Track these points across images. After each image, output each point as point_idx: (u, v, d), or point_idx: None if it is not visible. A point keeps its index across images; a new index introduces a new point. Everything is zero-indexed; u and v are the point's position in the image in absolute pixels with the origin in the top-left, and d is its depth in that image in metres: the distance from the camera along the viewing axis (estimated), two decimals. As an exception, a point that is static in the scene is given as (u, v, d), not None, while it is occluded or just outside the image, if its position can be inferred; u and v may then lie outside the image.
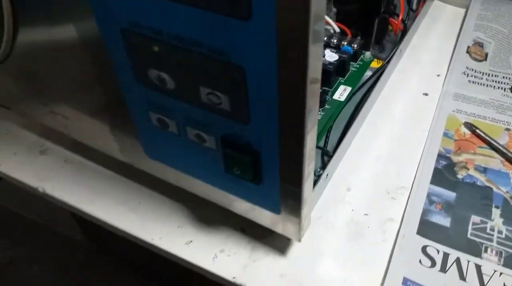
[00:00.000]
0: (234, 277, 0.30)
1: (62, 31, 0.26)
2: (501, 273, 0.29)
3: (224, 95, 0.22)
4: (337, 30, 0.39)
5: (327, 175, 0.31)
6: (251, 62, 0.20)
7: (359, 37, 0.40)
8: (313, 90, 0.20)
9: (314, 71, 0.19)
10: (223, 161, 0.26)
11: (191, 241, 0.32)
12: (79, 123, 0.33)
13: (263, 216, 0.29)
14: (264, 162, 0.25)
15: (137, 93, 0.26)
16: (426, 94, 0.43)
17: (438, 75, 0.45)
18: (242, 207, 0.29)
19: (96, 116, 0.31)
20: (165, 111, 0.26)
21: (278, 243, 0.32)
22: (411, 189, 0.35)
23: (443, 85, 0.43)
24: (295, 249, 0.31)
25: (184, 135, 0.27)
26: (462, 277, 0.29)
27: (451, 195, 0.34)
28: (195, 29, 0.20)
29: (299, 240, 0.28)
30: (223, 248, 0.32)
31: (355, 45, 0.39)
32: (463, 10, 0.53)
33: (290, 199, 0.26)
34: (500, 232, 0.32)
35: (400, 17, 0.40)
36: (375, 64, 0.41)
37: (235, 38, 0.19)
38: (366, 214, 0.33)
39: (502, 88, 0.43)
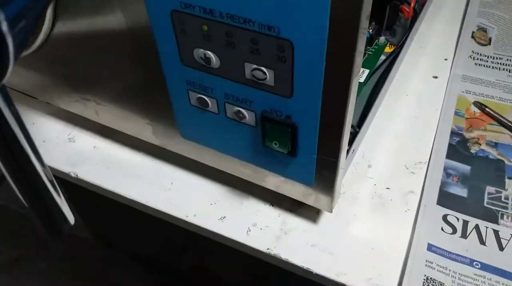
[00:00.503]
0: (268, 248, 0.32)
1: (103, 15, 0.27)
2: (517, 237, 0.31)
3: (269, 70, 0.24)
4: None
5: (353, 150, 0.33)
6: (301, 37, 0.21)
7: (373, 23, 0.41)
8: (358, 64, 0.22)
9: (361, 49, 0.21)
10: (262, 135, 0.27)
11: (224, 217, 0.34)
12: (112, 109, 0.35)
13: (295, 189, 0.30)
14: (302, 134, 0.26)
15: (179, 74, 0.28)
16: (436, 77, 0.45)
17: (446, 59, 0.47)
18: (274, 181, 0.31)
19: (131, 100, 0.33)
20: (205, 91, 0.28)
21: (307, 216, 0.33)
22: (428, 163, 0.37)
23: (451, 68, 0.46)
24: (324, 220, 0.33)
25: (223, 113, 0.28)
26: (482, 242, 0.31)
27: (466, 168, 0.36)
28: (247, 6, 0.21)
29: (331, 211, 0.30)
30: (255, 222, 0.33)
31: (371, 30, 0.41)
32: (464, -2, 0.55)
33: (325, 170, 0.27)
34: (514, 200, 0.34)
35: (412, 5, 0.42)
36: (387, 49, 0.43)
37: (286, 12, 0.21)
38: (388, 188, 0.35)
39: (507, 69, 0.45)
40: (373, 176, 0.36)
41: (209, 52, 0.25)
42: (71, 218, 0.18)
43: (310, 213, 0.33)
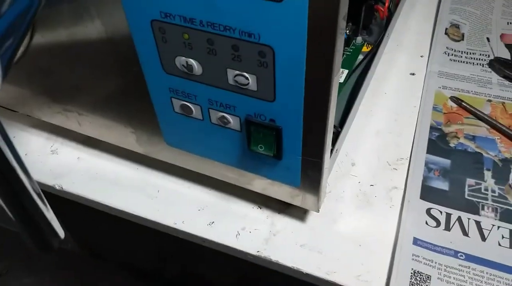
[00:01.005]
0: (258, 251, 0.32)
1: (82, 25, 0.27)
2: (498, 227, 0.33)
3: (252, 76, 0.24)
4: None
5: (336, 149, 0.33)
6: (281, 42, 0.22)
7: (350, 23, 0.42)
8: (338, 64, 0.22)
9: (339, 49, 0.21)
10: (247, 139, 0.28)
11: (213, 222, 0.34)
12: (94, 119, 0.35)
13: (282, 191, 0.31)
14: (286, 137, 0.27)
15: (161, 82, 0.28)
16: (413, 74, 0.46)
17: (422, 56, 0.48)
18: (261, 184, 0.31)
19: (114, 109, 0.33)
20: (189, 97, 0.28)
21: (295, 216, 0.34)
22: (410, 159, 0.38)
23: (427, 65, 0.47)
24: (311, 220, 0.33)
25: (208, 119, 0.29)
26: (465, 233, 0.32)
27: (446, 162, 0.37)
28: (228, 14, 0.22)
29: (318, 211, 0.31)
30: (243, 225, 0.33)
31: (348, 31, 0.41)
32: (437, -4, 0.56)
33: (310, 170, 0.28)
34: (493, 191, 0.35)
35: (386, 5, 0.43)
36: (365, 48, 0.44)
37: (267, 20, 0.21)
38: (372, 185, 0.36)
39: (480, 64, 0.46)
40: (357, 174, 0.37)
41: (191, 59, 0.25)
42: (61, 232, 0.18)
43: (298, 213, 0.34)
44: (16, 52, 0.14)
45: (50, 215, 0.17)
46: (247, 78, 0.24)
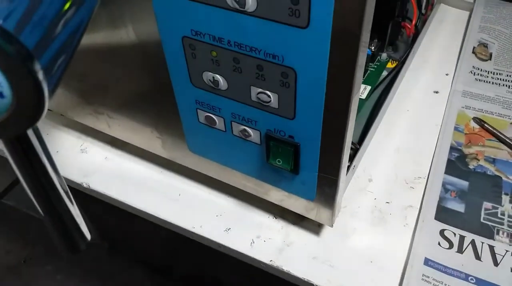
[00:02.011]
0: (271, 260, 0.33)
1: (117, 32, 0.29)
2: (512, 253, 0.33)
3: (274, 94, 0.25)
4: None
5: (354, 166, 0.34)
6: (304, 65, 0.23)
7: (376, 40, 0.43)
8: (358, 88, 0.23)
9: (359, 72, 0.22)
10: (266, 152, 0.29)
11: (229, 229, 0.35)
12: (123, 122, 0.36)
13: (297, 204, 0.32)
14: (304, 153, 0.28)
15: (188, 93, 0.29)
16: (437, 92, 0.46)
17: (447, 74, 0.48)
18: (277, 195, 0.32)
19: (142, 114, 0.34)
20: (213, 110, 0.29)
21: (309, 229, 0.35)
22: (427, 178, 0.38)
23: (451, 84, 0.47)
24: (325, 233, 0.34)
25: (230, 131, 0.30)
26: (478, 257, 0.33)
27: (464, 183, 0.37)
28: (255, 36, 0.23)
29: (331, 225, 0.31)
30: (258, 234, 0.35)
31: (373, 47, 0.42)
32: (467, 13, 0.56)
33: (326, 186, 0.29)
34: (510, 216, 0.35)
35: (413, 23, 0.44)
36: (389, 64, 0.44)
37: (291, 44, 0.22)
38: (388, 202, 0.36)
39: (506, 85, 0.46)
40: (373, 190, 0.37)
41: (217, 75, 0.26)
42: (87, 234, 0.19)
43: (312, 226, 0.35)
44: (66, 70, 0.16)
45: (77, 215, 0.19)
46: (269, 96, 0.25)
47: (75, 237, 0.19)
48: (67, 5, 0.14)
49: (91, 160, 0.41)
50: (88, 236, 0.19)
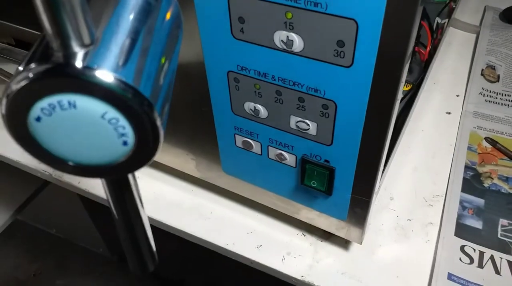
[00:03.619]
0: (302, 276, 0.35)
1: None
2: (529, 267, 0.35)
3: (313, 123, 0.27)
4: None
5: (379, 186, 0.36)
6: (345, 99, 0.25)
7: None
8: (394, 119, 0.25)
9: (397, 106, 0.24)
10: (301, 175, 0.31)
11: (260, 245, 0.37)
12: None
13: (328, 222, 0.34)
14: (338, 176, 0.30)
15: (228, 120, 0.31)
16: (449, 113, 0.48)
17: (458, 96, 0.51)
18: (308, 214, 0.34)
19: (179, 138, 0.36)
20: (251, 135, 0.31)
21: (337, 245, 0.37)
22: (445, 196, 0.40)
23: (463, 105, 0.49)
24: (352, 250, 0.36)
25: (266, 154, 0.32)
26: (497, 272, 0.35)
27: (480, 201, 0.39)
28: (299, 73, 0.25)
29: (361, 243, 0.33)
30: (289, 250, 0.36)
31: (390, 72, 0.44)
32: (473, 36, 0.59)
33: (358, 207, 0.31)
34: (525, 232, 0.37)
35: (428, 49, 0.46)
36: (405, 87, 0.47)
37: (334, 80, 0.24)
38: (409, 220, 0.38)
39: (515, 106, 0.49)
40: (395, 208, 0.39)
41: (258, 105, 0.29)
42: (156, 256, 0.21)
43: (340, 242, 0.37)
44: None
45: (151, 238, 0.21)
46: (308, 124, 0.28)
47: (147, 258, 0.21)
48: (163, 59, 0.16)
49: (124, 180, 0.43)
50: (156, 257, 0.21)
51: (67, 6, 0.12)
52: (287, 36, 0.24)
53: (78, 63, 0.13)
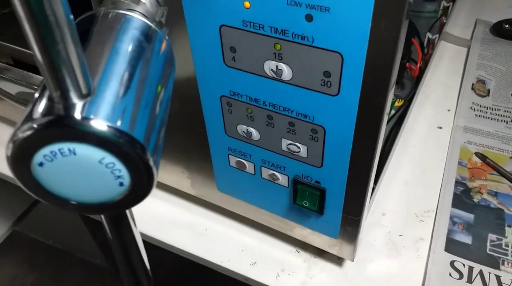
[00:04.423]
0: (295, 292, 0.36)
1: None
2: (517, 282, 0.35)
3: (303, 146, 0.28)
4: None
5: (371, 203, 0.37)
6: (333, 124, 0.26)
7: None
8: (381, 141, 0.26)
9: (383, 129, 0.25)
10: (294, 195, 0.32)
11: (255, 263, 0.38)
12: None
13: (320, 240, 0.35)
14: (329, 196, 0.31)
15: (222, 141, 0.32)
16: (440, 128, 0.49)
17: (449, 110, 0.52)
18: (302, 232, 0.35)
19: (175, 157, 0.37)
20: (244, 156, 0.32)
21: (329, 261, 0.37)
22: (436, 211, 0.41)
23: (454, 119, 0.50)
24: (344, 266, 0.37)
25: (259, 174, 0.33)
26: (486, 286, 0.35)
27: (470, 216, 0.40)
28: (289, 99, 0.26)
29: (352, 260, 0.34)
30: (283, 267, 0.37)
31: (381, 89, 0.45)
32: (465, 49, 0.60)
33: (349, 225, 0.32)
34: (514, 247, 0.38)
35: (418, 65, 0.47)
36: (396, 103, 0.48)
37: (322, 107, 0.25)
38: (401, 235, 0.39)
39: (504, 121, 0.50)
40: (387, 224, 0.40)
41: (251, 128, 0.30)
42: (151, 277, 0.22)
43: (333, 259, 0.37)
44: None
45: (147, 261, 0.21)
46: (298, 147, 0.29)
47: (143, 279, 0.21)
48: (157, 101, 0.17)
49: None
50: (151, 278, 0.22)
51: (66, 62, 0.13)
52: (277, 66, 0.25)
53: (77, 115, 0.14)
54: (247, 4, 0.23)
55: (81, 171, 0.15)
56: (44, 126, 0.14)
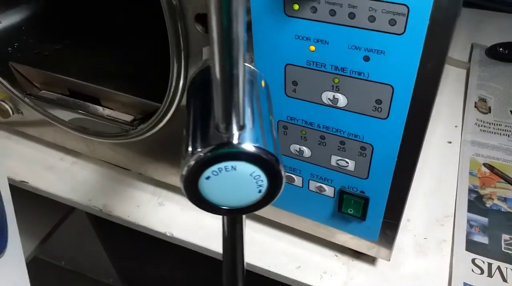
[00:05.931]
0: (339, 291, 0.40)
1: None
2: (531, 275, 0.41)
3: (351, 161, 0.33)
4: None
5: (399, 210, 0.42)
6: (380, 143, 0.31)
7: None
8: (419, 156, 0.31)
9: (422, 147, 0.31)
10: (339, 204, 0.37)
11: (299, 266, 0.42)
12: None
13: (360, 243, 0.39)
14: (372, 204, 0.35)
15: (275, 160, 0.37)
16: (450, 142, 0.55)
17: (456, 126, 0.57)
18: (343, 237, 0.40)
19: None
20: (294, 171, 0.37)
21: (366, 262, 0.42)
22: (454, 216, 0.46)
23: (461, 134, 0.56)
24: (379, 266, 0.42)
25: (307, 187, 0.38)
26: (504, 280, 0.40)
27: (484, 219, 0.46)
28: (341, 122, 0.31)
29: (389, 260, 0.39)
30: (325, 270, 0.42)
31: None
32: (464, 71, 0.66)
33: (388, 229, 0.37)
34: (525, 245, 0.43)
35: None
36: (411, 121, 0.54)
37: (372, 128, 0.30)
38: (425, 238, 0.44)
39: (506, 135, 0.56)
40: (412, 228, 0.45)
41: (303, 147, 0.35)
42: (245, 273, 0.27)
43: (368, 261, 0.42)
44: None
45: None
46: (347, 162, 0.34)
47: (239, 274, 0.26)
48: (272, 120, 0.23)
49: (169, 212, 0.48)
50: (245, 274, 0.27)
51: (238, 105, 0.18)
52: (333, 95, 0.30)
53: (235, 141, 0.19)
54: (312, 47, 0.28)
55: (235, 182, 0.19)
56: (213, 149, 0.19)
